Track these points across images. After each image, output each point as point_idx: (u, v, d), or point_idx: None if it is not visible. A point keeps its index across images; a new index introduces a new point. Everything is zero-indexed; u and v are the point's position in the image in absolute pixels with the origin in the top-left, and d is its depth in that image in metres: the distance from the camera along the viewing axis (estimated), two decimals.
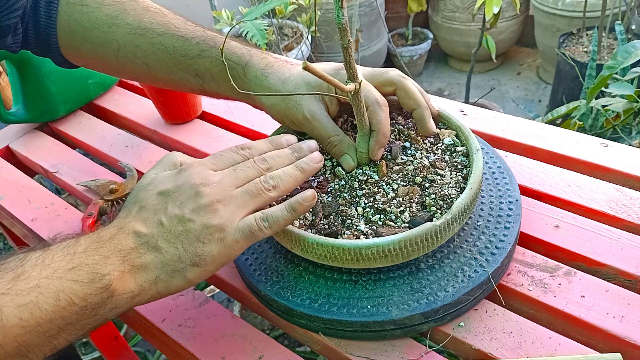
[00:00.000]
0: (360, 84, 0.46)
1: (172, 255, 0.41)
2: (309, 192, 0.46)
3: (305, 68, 0.40)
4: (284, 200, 0.49)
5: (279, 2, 0.40)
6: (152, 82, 0.61)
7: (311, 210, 0.50)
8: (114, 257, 0.40)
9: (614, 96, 0.97)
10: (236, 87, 0.43)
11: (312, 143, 0.51)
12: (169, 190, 0.44)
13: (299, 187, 0.51)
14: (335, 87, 0.44)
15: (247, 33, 0.35)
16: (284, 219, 0.45)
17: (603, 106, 0.97)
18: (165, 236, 0.42)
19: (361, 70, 0.54)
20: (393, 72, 0.53)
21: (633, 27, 1.54)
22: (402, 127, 0.56)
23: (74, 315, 0.38)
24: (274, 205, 0.47)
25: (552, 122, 1.82)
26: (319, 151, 0.51)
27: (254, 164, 0.46)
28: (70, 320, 0.38)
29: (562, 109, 1.04)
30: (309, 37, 1.94)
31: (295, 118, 0.53)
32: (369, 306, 0.47)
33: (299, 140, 0.58)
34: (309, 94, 0.52)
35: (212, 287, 1.20)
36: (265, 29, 0.35)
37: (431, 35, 2.53)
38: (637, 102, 0.86)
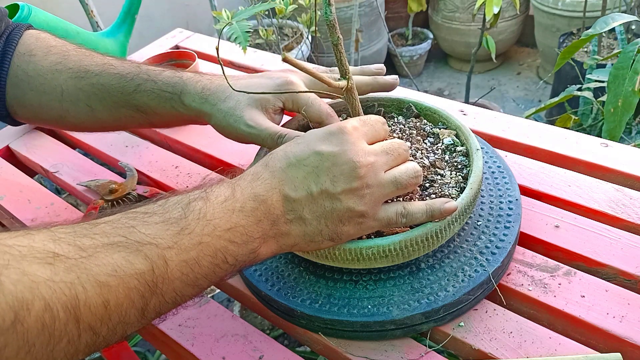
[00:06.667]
0: (349, 80, 0.46)
1: (315, 228, 0.43)
2: (454, 205, 0.46)
3: (285, 60, 0.41)
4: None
5: (267, 6, 0.40)
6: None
7: None
8: (265, 221, 0.41)
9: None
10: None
11: None
12: (323, 153, 0.43)
13: None
14: (326, 84, 0.44)
15: (231, 34, 0.34)
16: (420, 221, 0.46)
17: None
18: (311, 208, 0.42)
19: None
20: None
21: (633, 27, 1.54)
22: (402, 127, 0.56)
23: (224, 271, 0.40)
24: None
25: (549, 116, 1.83)
26: None
27: (404, 152, 0.46)
28: (220, 275, 0.40)
29: (553, 100, 1.03)
30: (309, 37, 1.94)
31: (239, 129, 0.53)
32: (369, 306, 0.47)
33: None
34: (305, 92, 0.52)
35: (212, 287, 1.20)
36: (250, 31, 0.35)
37: (431, 35, 2.53)
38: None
